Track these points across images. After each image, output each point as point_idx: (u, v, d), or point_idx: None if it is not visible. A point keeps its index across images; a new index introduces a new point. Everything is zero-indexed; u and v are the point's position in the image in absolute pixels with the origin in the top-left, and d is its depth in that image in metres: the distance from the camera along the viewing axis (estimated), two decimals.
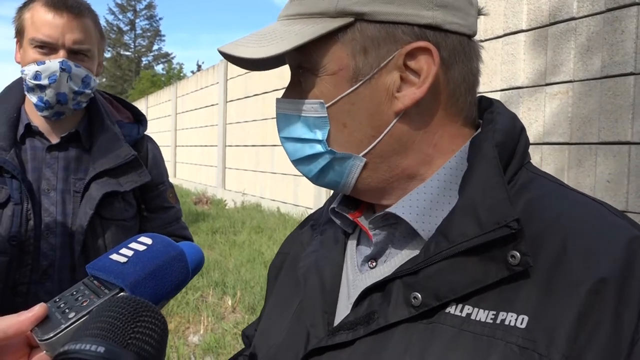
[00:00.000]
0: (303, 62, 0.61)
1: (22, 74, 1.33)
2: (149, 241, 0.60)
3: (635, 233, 0.51)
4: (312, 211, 7.36)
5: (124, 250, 0.59)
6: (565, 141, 3.42)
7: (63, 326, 0.52)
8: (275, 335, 0.70)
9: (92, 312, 0.50)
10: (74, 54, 1.31)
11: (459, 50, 0.59)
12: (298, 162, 0.65)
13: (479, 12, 0.64)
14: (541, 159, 3.58)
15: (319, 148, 0.61)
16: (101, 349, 0.44)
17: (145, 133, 1.55)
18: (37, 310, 0.55)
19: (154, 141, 1.58)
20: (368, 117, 0.59)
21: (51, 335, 0.52)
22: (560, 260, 0.51)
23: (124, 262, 0.57)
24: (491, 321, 0.51)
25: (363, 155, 0.60)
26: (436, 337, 0.53)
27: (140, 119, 1.55)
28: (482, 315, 0.51)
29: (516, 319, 0.50)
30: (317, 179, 0.65)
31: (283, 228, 7.08)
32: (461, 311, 0.53)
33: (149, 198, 1.50)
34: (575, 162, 3.36)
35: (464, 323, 0.52)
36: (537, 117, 3.62)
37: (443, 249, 0.54)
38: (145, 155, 1.50)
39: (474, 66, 0.62)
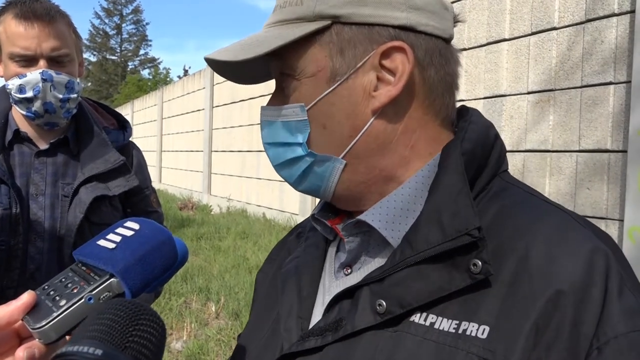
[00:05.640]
0: (283, 67, 0.62)
1: (7, 88, 1.33)
2: (136, 226, 0.60)
3: (597, 244, 0.51)
4: (297, 217, 7.37)
5: (111, 236, 0.59)
6: (546, 149, 3.47)
7: (55, 314, 0.52)
8: (254, 342, 0.70)
9: (90, 315, 0.50)
10: (53, 61, 1.31)
11: (435, 51, 0.60)
12: (280, 167, 0.65)
13: (455, 19, 0.65)
14: (523, 165, 3.63)
15: (299, 151, 0.62)
16: (99, 352, 0.43)
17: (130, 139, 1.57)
18: (26, 298, 0.55)
19: (137, 147, 1.61)
20: (346, 117, 0.59)
21: (43, 323, 0.52)
22: (522, 269, 0.51)
23: (112, 248, 0.57)
24: (454, 331, 0.50)
25: (342, 157, 0.61)
26: (401, 345, 0.53)
27: (124, 126, 1.57)
28: (445, 324, 0.51)
29: (477, 329, 0.49)
30: (299, 184, 0.65)
31: (268, 234, 7.05)
32: (425, 320, 0.52)
33: (134, 202, 1.52)
34: (557, 169, 3.40)
35: (428, 332, 0.52)
36: (519, 124, 3.67)
37: (407, 256, 0.54)
38: (130, 160, 1.52)
39: (451, 69, 0.62)
